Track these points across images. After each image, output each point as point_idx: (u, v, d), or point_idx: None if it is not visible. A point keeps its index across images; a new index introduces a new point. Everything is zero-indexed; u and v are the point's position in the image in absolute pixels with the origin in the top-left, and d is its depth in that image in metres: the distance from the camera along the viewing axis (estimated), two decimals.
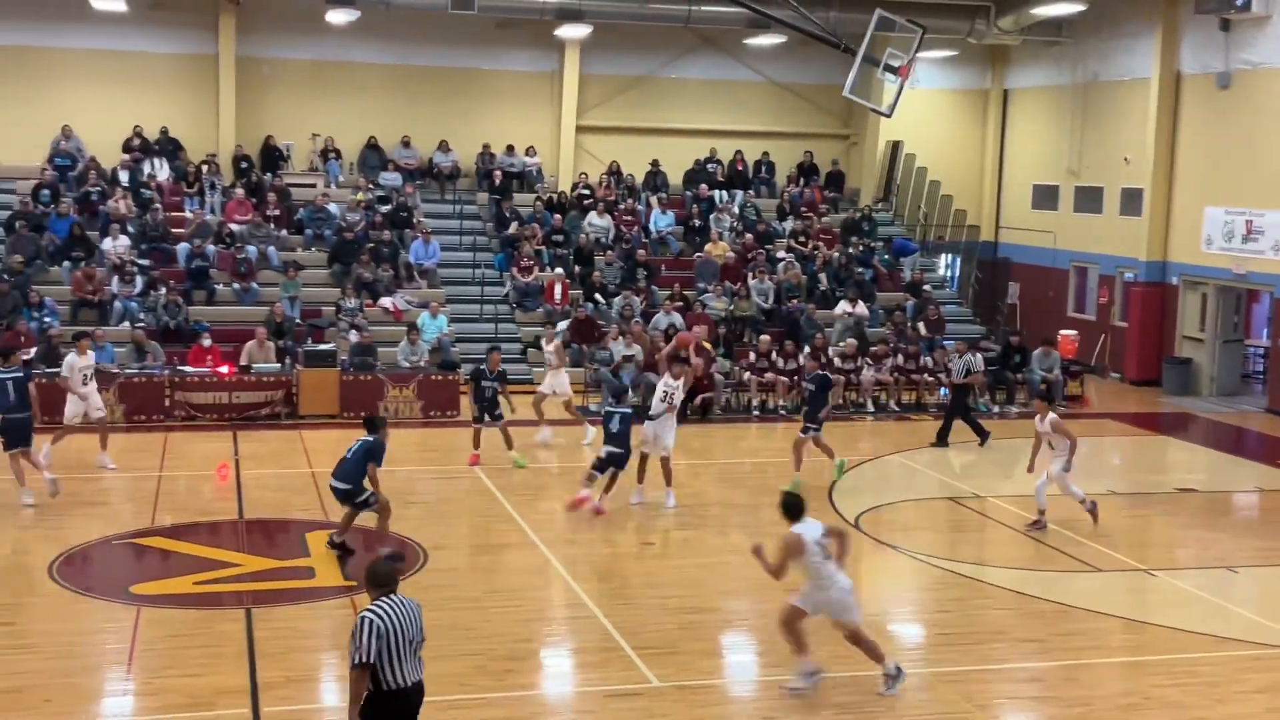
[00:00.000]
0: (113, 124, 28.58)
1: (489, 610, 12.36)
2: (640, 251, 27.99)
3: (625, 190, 30.69)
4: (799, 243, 29.58)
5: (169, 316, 23.71)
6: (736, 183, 31.84)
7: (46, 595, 12.44)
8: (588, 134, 32.14)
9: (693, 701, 10.34)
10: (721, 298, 26.78)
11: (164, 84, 29.58)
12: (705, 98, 32.68)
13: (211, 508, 16.29)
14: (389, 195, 28.89)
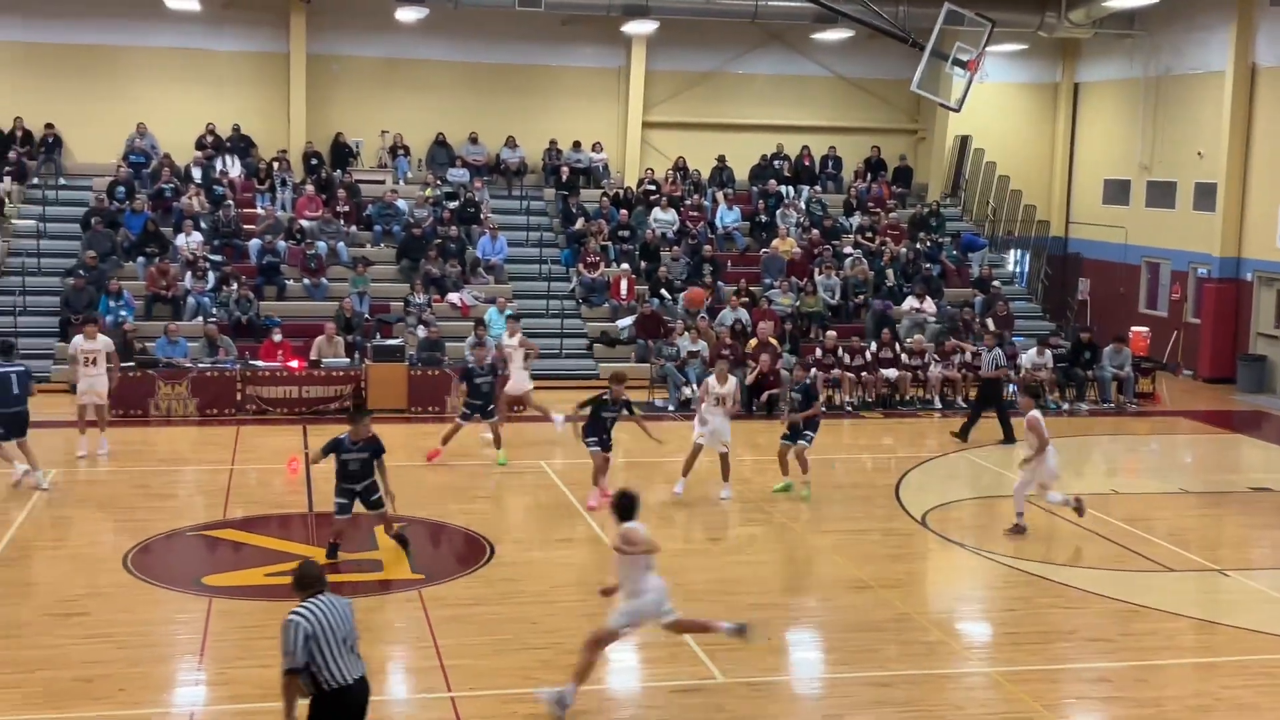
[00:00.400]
0: (186, 122, 29.03)
1: (554, 604, 12.42)
2: (706, 247, 27.96)
3: (691, 186, 30.67)
4: (866, 238, 29.41)
5: (240, 312, 24.05)
6: (803, 178, 31.71)
7: (121, 586, 12.66)
8: (654, 129, 32.15)
9: (758, 698, 10.33)
10: (788, 293, 26.69)
11: (236, 82, 29.99)
12: (772, 93, 32.57)
13: (282, 501, 16.49)
14: (457, 191, 29.09)
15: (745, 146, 31.87)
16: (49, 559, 13.49)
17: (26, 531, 14.43)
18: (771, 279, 27.33)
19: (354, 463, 13.31)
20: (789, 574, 13.84)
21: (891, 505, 16.81)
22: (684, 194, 30.15)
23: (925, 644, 11.72)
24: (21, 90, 28.73)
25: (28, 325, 24.12)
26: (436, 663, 10.69)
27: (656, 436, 16.19)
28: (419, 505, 16.01)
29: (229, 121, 29.43)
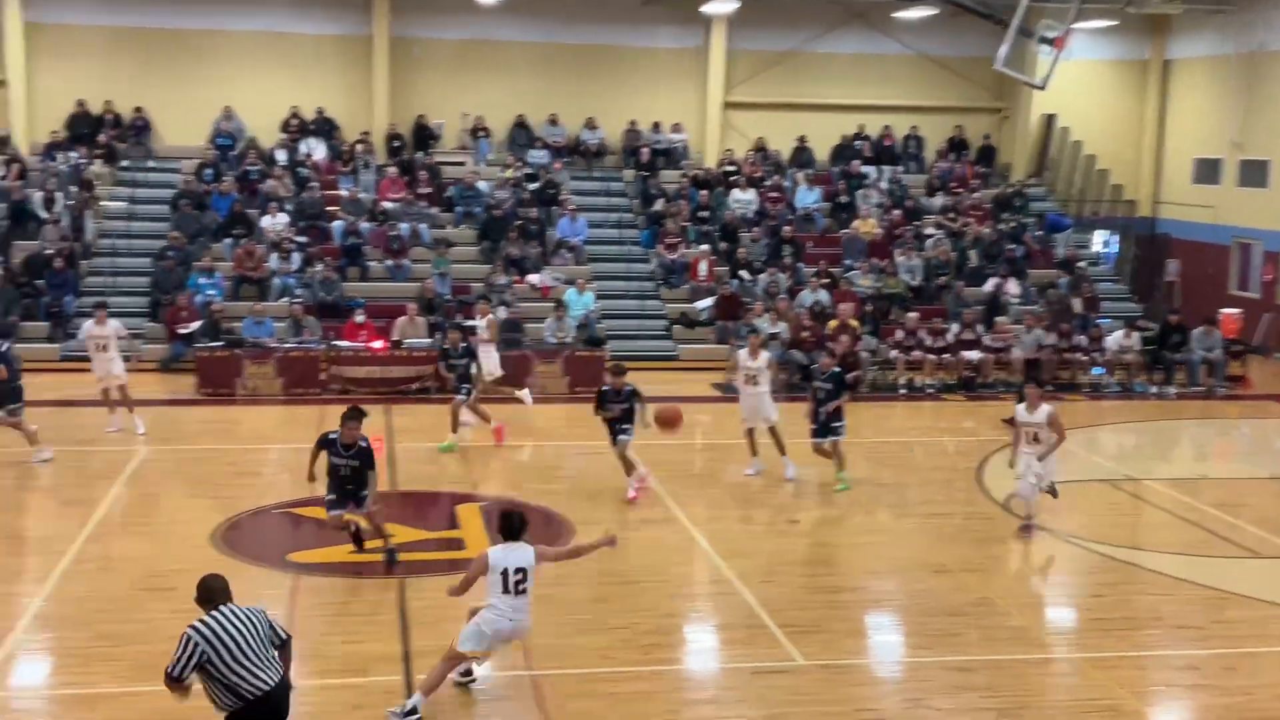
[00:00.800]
0: (271, 104, 29.40)
1: (634, 585, 12.45)
2: (786, 228, 27.81)
3: (772, 166, 30.51)
4: (949, 219, 29.08)
5: (324, 292, 24.34)
6: (885, 158, 31.41)
7: (209, 562, 12.84)
8: (734, 110, 32.00)
9: (839, 681, 10.29)
10: (868, 275, 26.47)
11: (320, 65, 30.30)
12: (853, 72, 32.27)
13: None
14: (537, 173, 29.19)
15: (826, 127, 31.62)
16: (138, 535, 13.76)
17: (116, 509, 14.74)
18: (852, 260, 27.13)
19: (345, 469, 12.66)
20: (868, 557, 13.75)
21: (973, 489, 16.64)
22: (764, 175, 30.00)
23: (1007, 629, 11.61)
24: (111, 74, 29.27)
25: (118, 305, 24.53)
26: (518, 641, 10.75)
27: (647, 421, 15.32)
28: (499, 484, 16.15)
29: (313, 104, 29.76)
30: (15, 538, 13.63)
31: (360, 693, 9.71)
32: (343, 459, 12.62)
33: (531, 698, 9.70)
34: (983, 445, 19.15)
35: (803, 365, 23.05)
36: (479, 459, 17.48)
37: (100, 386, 18.72)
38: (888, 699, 10.10)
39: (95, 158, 27.93)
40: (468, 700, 9.82)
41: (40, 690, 9.76)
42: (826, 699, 9.91)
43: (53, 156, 27.32)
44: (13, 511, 15.04)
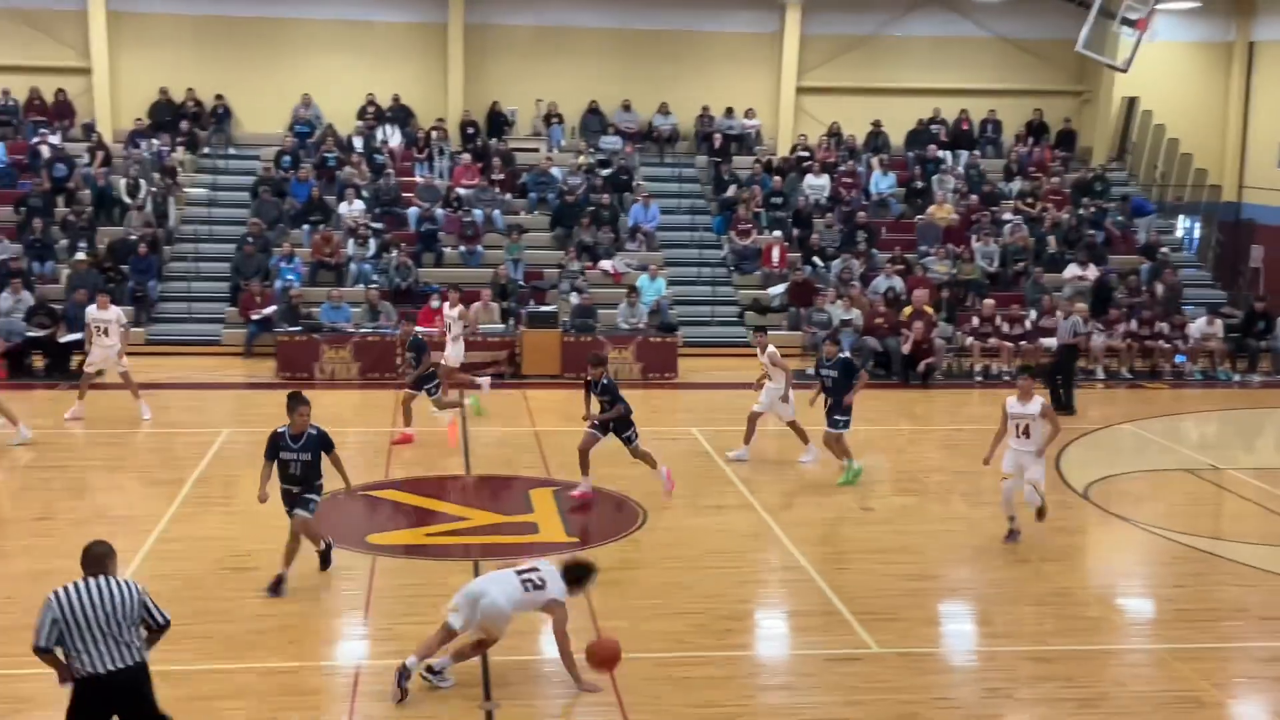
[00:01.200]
0: (348, 92, 29.69)
1: (708, 570, 12.46)
2: (860, 214, 27.62)
3: (846, 152, 30.30)
4: (1027, 204, 28.73)
5: (400, 278, 24.57)
6: (961, 143, 31.07)
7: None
8: (808, 95, 31.79)
9: (914, 669, 10.23)
10: (944, 261, 26.22)
11: (396, 53, 30.53)
12: (929, 56, 31.93)
13: (440, 463, 16.83)
14: (609, 159, 29.23)
15: (901, 111, 31.34)
16: (222, 515, 13.98)
17: (200, 489, 14.99)
18: (927, 246, 26.89)
19: (295, 465, 11.54)
20: (944, 545, 13.64)
21: (1052, 477, 16.41)
22: (838, 160, 29.81)
23: (1087, 619, 11.48)
24: (193, 63, 29.71)
25: (200, 290, 25.03)
26: (591, 624, 10.81)
27: (608, 416, 14.71)
28: (573, 470, 16.20)
29: (389, 91, 30.00)
30: (103, 517, 13.89)
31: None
32: (293, 452, 11.50)
33: (606, 681, 9.73)
34: (1062, 434, 18.92)
35: (877, 352, 22.96)
36: (552, 444, 17.56)
37: (89, 370, 18.52)
38: (964, 688, 10.03)
39: (178, 145, 28.39)
40: (540, 682, 9.89)
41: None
42: (902, 687, 9.85)
43: (136, 144, 27.80)
44: (101, 491, 15.37)
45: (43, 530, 13.28)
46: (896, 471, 16.49)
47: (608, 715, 9.21)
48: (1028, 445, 13.15)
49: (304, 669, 9.96)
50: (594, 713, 9.29)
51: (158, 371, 21.91)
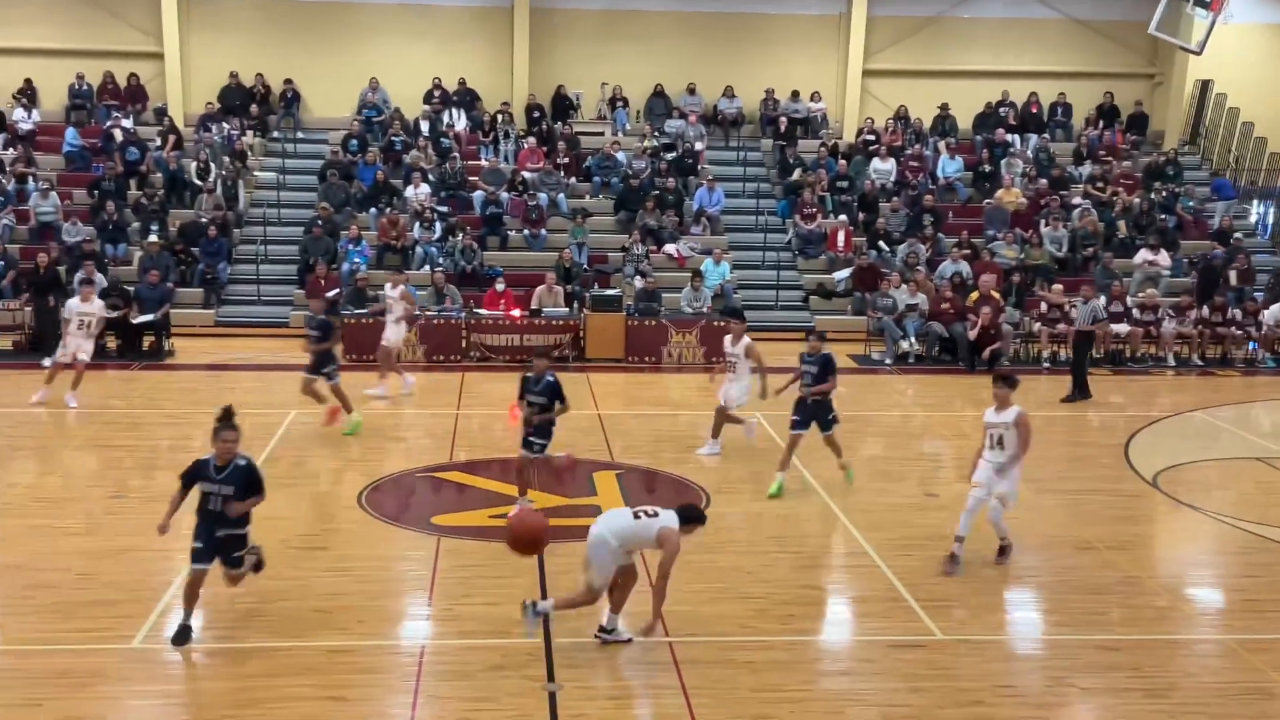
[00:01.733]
0: (415, 76, 29.90)
1: (770, 555, 12.44)
2: (927, 198, 27.40)
3: (912, 135, 30.05)
4: (1096, 189, 28.35)
5: (465, 261, 24.72)
6: (1030, 126, 30.73)
7: (356, 522, 13.23)
8: (874, 78, 31.57)
9: (979, 656, 10.16)
10: (1012, 245, 25.95)
11: (462, 36, 30.68)
12: (998, 37, 31.60)
13: (504, 445, 16.89)
14: (674, 142, 29.18)
15: (969, 94, 31.05)
16: (289, 495, 14.14)
17: (268, 469, 15.15)
18: (995, 230, 26.63)
19: (214, 500, 9.85)
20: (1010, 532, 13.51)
21: (1120, 465, 16.27)
22: (904, 144, 29.57)
23: (1154, 609, 11.34)
24: (262, 47, 30.06)
25: (268, 273, 25.33)
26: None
27: (544, 418, 13.41)
28: (635, 453, 16.25)
29: (455, 75, 30.15)
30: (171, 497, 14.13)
31: (501, 654, 9.88)
32: (214, 484, 9.83)
33: (669, 664, 9.76)
34: (1130, 421, 18.74)
35: (943, 338, 22.80)
36: (615, 428, 17.60)
37: (60, 359, 18.27)
38: (1029, 676, 9.95)
39: (247, 129, 28.72)
40: (604, 664, 9.93)
41: (194, 644, 10.11)
42: (965, 674, 9.79)
43: (207, 127, 28.18)
44: (171, 470, 15.57)
45: (115, 508, 13.53)
46: (960, 458, 16.31)
47: (670, 698, 9.23)
48: (999, 456, 12.17)
49: (369, 648, 10.07)
50: (657, 694, 9.32)
51: (226, 353, 22.26)
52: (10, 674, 9.37)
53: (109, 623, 10.33)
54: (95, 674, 9.38)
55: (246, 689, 9.17)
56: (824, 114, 31.00)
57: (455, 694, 9.21)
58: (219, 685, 9.31)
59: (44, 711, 8.71)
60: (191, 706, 9.00)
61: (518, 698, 9.15)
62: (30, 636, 10.04)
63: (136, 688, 9.25)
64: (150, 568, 11.67)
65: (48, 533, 12.59)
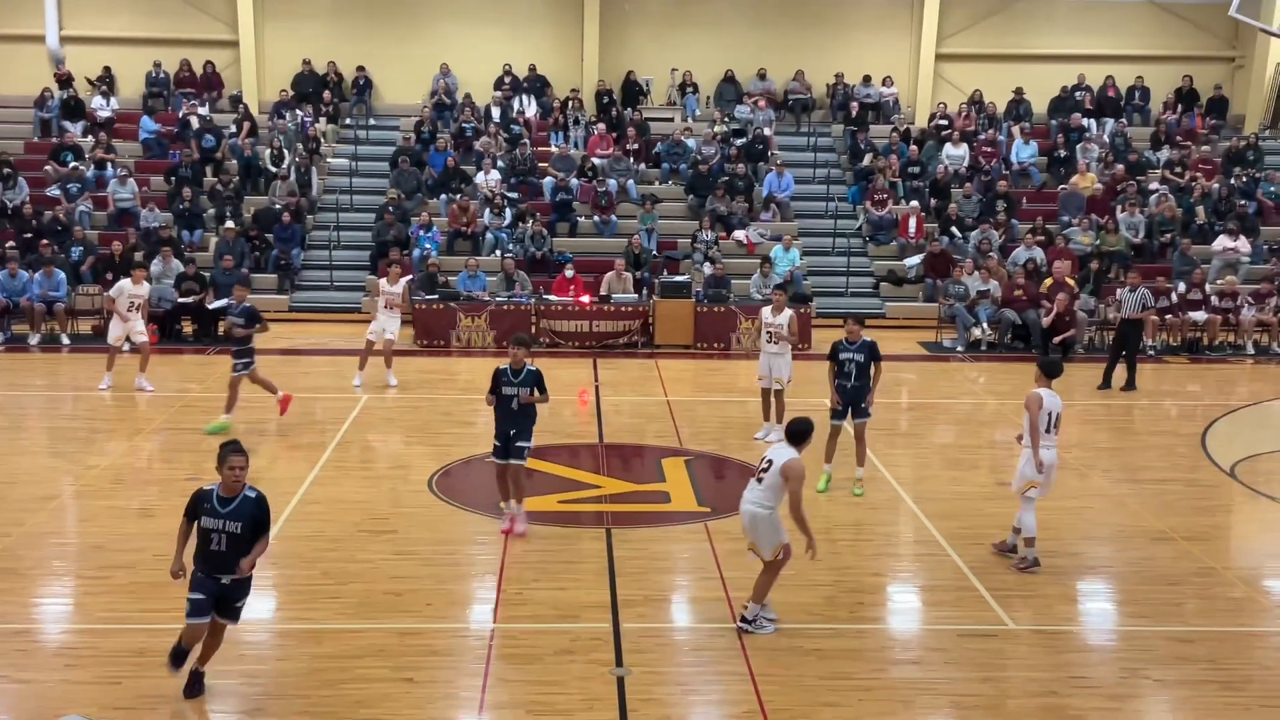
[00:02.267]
0: (486, 62, 30.02)
1: (839, 542, 12.38)
2: (1000, 183, 27.07)
3: (986, 120, 29.70)
4: (1174, 174, 27.86)
5: (535, 247, 24.81)
6: (1106, 110, 30.25)
7: (426, 507, 13.34)
8: (947, 62, 31.24)
9: (1051, 646, 10.05)
10: (1087, 232, 25.58)
11: (533, 23, 30.76)
12: (1074, 20, 31.13)
13: (573, 431, 16.99)
14: (744, 128, 29.07)
15: (1044, 78, 30.63)
16: (360, 479, 14.31)
17: (340, 454, 15.36)
18: (1069, 216, 26.26)
19: (217, 539, 8.66)
20: (1082, 522, 13.35)
21: (1197, 455, 16.00)
22: (977, 129, 29.24)
23: (1231, 600, 11.15)
24: (335, 35, 30.34)
25: (341, 259, 25.58)
26: (722, 594, 10.84)
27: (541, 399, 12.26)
28: (703, 439, 16.23)
29: (526, 61, 30.23)
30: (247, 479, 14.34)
31: (570, 638, 9.93)
32: (219, 519, 8.69)
33: (737, 651, 9.76)
34: (1208, 410, 18.43)
35: (1015, 325, 22.54)
36: (684, 414, 17.59)
37: (114, 342, 18.32)
38: (1102, 667, 9.82)
39: (320, 116, 29.00)
40: (671, 650, 9.95)
41: (269, 624, 10.27)
42: (1037, 664, 9.69)
43: (281, 115, 28.48)
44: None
45: (190, 490, 13.70)
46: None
47: (738, 684, 9.22)
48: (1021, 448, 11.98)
49: (439, 631, 10.15)
50: (724, 680, 9.32)
51: (299, 337, 22.53)
52: (89, 652, 9.57)
53: (184, 603, 10.48)
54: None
55: (320, 669, 9.29)
56: (896, 99, 30.73)
57: (524, 677, 9.27)
58: (293, 665, 9.44)
59: (122, 689, 8.87)
60: (267, 685, 9.12)
61: (586, 682, 9.19)
62: (108, 616, 10.24)
63: (214, 666, 9.39)
64: None
65: (125, 514, 12.83)
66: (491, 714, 8.79)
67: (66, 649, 9.48)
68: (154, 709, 8.64)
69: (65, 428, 16.82)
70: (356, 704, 8.79)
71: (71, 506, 13.42)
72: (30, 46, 29.82)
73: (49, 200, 25.60)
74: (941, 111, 29.89)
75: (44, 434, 16.66)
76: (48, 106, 28.69)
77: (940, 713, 9.00)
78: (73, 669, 9.17)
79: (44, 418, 17.53)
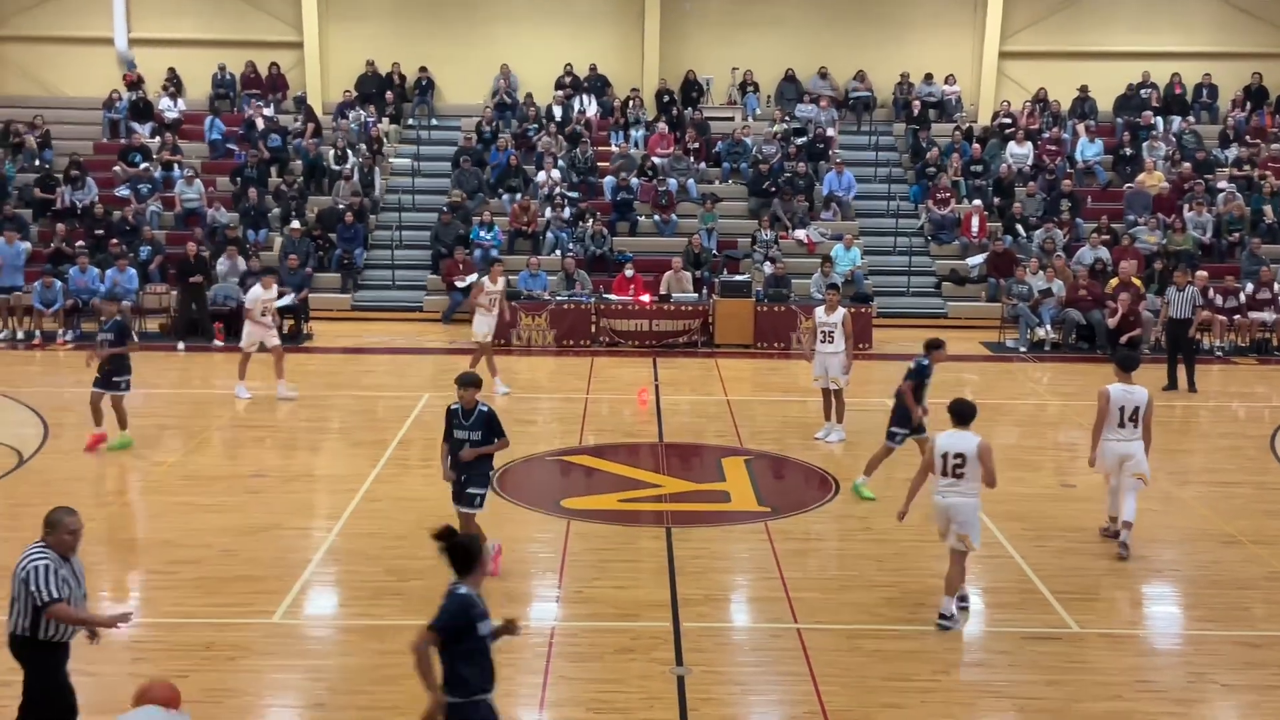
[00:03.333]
0: (546, 62, 30.11)
1: (900, 543, 12.29)
2: (1065, 182, 26.78)
3: (1050, 118, 29.40)
4: (1243, 172, 27.42)
5: (595, 246, 24.86)
6: (1173, 108, 29.84)
7: (487, 504, 13.37)
8: (1011, 60, 30.94)
9: (1117, 650, 9.93)
10: (1154, 231, 25.25)
11: (593, 23, 30.82)
12: (1140, 17, 30.71)
13: (633, 430, 17.02)
14: (805, 127, 28.97)
15: (1109, 76, 30.25)
16: (423, 477, 14.38)
17: (401, 451, 15.47)
18: (1135, 215, 25.93)
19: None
20: (1148, 525, 13.14)
21: (1265, 458, 15.75)
22: (1041, 127, 28.95)
23: None
24: (398, 36, 30.56)
25: (403, 258, 25.77)
26: (783, 594, 10.82)
27: (477, 452, 10.89)
28: (763, 439, 16.21)
29: (586, 61, 30.30)
30: (310, 476, 14.50)
31: (630, 637, 9.94)
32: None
33: (798, 651, 9.73)
34: (1276, 412, 18.13)
35: (1080, 325, 22.30)
36: (743, 414, 17.56)
37: (249, 349, 17.98)
38: (1169, 671, 9.69)
39: (383, 116, 29.24)
40: (732, 649, 9.94)
41: (332, 620, 10.38)
42: (1103, 668, 9.58)
43: (344, 115, 28.74)
44: (308, 451, 16.01)
45: (256, 487, 13.91)
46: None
47: (798, 685, 9.20)
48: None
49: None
50: (785, 680, 9.30)
51: (362, 336, 22.73)
52: (157, 646, 9.71)
53: (250, 598, 10.64)
54: (238, 647, 9.67)
55: (383, 665, 9.37)
56: (958, 97, 30.49)
57: (584, 675, 9.30)
58: (357, 661, 9.53)
59: (190, 683, 8.98)
60: (331, 681, 9.22)
61: (646, 680, 9.20)
62: (175, 610, 10.39)
63: (278, 661, 9.51)
64: (290, 545, 12.00)
65: (192, 510, 13.00)
66: (552, 711, 8.83)
67: (135, 643, 9.62)
68: (220, 703, 8.75)
69: (133, 425, 17.03)
70: (417, 700, 8.82)
71: (140, 503, 13.63)
72: (99, 49, 30.29)
73: (118, 200, 26.01)
74: (1005, 110, 29.61)
75: (112, 432, 16.90)
76: (116, 108, 29.14)
77: (1004, 716, 8.93)
78: (141, 662, 9.30)
79: (113, 415, 17.76)
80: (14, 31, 30.75)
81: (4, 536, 12.34)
